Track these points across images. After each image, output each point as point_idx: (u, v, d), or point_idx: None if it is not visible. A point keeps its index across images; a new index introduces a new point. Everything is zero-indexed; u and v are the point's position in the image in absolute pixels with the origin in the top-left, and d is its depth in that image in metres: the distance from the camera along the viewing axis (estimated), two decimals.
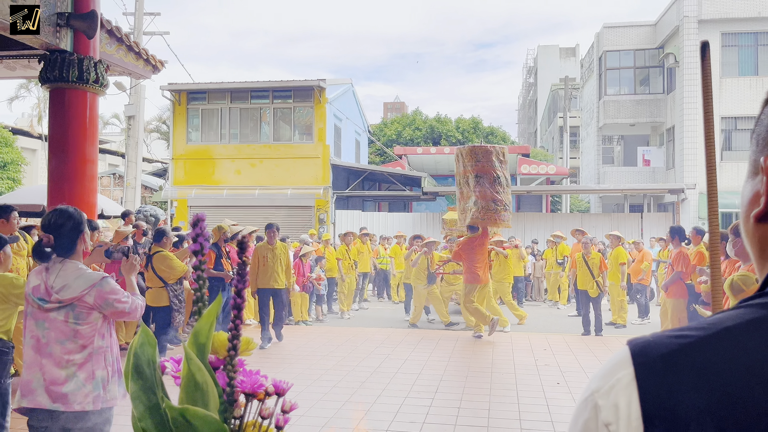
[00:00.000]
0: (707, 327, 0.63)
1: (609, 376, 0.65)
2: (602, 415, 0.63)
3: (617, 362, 0.65)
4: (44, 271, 2.93)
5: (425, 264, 10.92)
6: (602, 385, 0.65)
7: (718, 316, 0.64)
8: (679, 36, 21.00)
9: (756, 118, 0.73)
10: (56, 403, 2.79)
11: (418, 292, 11.00)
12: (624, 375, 0.63)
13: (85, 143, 6.47)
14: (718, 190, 0.93)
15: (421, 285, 10.91)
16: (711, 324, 0.64)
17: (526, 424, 5.31)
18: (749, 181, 0.71)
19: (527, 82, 58.31)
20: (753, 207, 0.69)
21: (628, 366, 0.63)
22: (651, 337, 0.65)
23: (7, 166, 19.29)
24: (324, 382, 6.65)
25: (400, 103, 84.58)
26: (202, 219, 0.87)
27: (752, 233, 0.70)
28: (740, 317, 0.63)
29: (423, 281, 10.90)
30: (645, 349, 0.64)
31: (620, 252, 11.19)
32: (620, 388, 0.63)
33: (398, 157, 24.28)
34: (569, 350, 8.79)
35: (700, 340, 0.62)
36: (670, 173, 22.32)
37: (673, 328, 0.66)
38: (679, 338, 0.63)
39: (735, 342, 0.61)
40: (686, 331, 0.64)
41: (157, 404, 0.90)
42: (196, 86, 19.58)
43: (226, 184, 19.23)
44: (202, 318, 0.87)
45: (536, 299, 15.73)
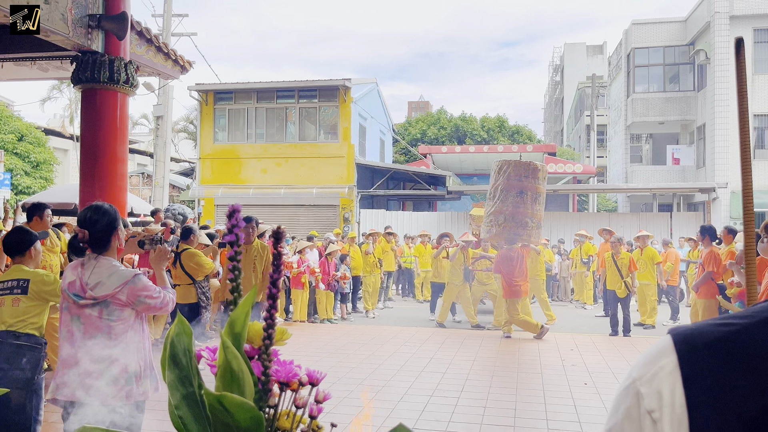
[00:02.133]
0: (752, 315, 0.63)
1: (652, 364, 0.65)
2: (645, 403, 0.63)
3: (660, 350, 0.65)
4: (79, 266, 2.98)
5: (461, 260, 10.82)
6: (644, 372, 0.65)
7: (762, 305, 0.64)
8: (710, 32, 20.60)
9: None
10: (90, 396, 2.85)
11: (450, 289, 10.90)
12: (667, 363, 0.63)
13: (115, 142, 6.58)
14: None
15: (456, 281, 10.81)
16: (756, 312, 0.63)
17: (553, 424, 5.26)
18: None
19: (553, 80, 57.74)
20: None
21: (671, 354, 0.63)
22: (693, 326, 0.65)
23: (39, 166, 19.74)
24: (349, 380, 6.67)
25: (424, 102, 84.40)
26: (238, 210, 0.88)
27: None
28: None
29: (458, 278, 10.80)
30: (688, 338, 0.64)
31: (653, 252, 11.02)
32: (663, 375, 0.63)
33: (423, 156, 24.25)
34: (597, 351, 8.69)
35: (745, 327, 0.61)
36: (701, 172, 21.90)
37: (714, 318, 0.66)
38: (723, 326, 0.63)
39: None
40: (730, 319, 0.64)
41: (194, 393, 0.92)
42: (222, 86, 19.80)
43: (252, 184, 19.41)
44: (237, 307, 0.88)
45: (563, 299, 15.58)
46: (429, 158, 23.90)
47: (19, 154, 19.16)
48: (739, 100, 0.91)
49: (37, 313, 3.83)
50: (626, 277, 10.25)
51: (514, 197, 9.72)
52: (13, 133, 19.22)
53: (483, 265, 11.07)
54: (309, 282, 11.13)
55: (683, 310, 12.39)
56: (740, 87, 0.91)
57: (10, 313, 3.73)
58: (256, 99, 19.80)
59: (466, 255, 10.87)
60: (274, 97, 19.80)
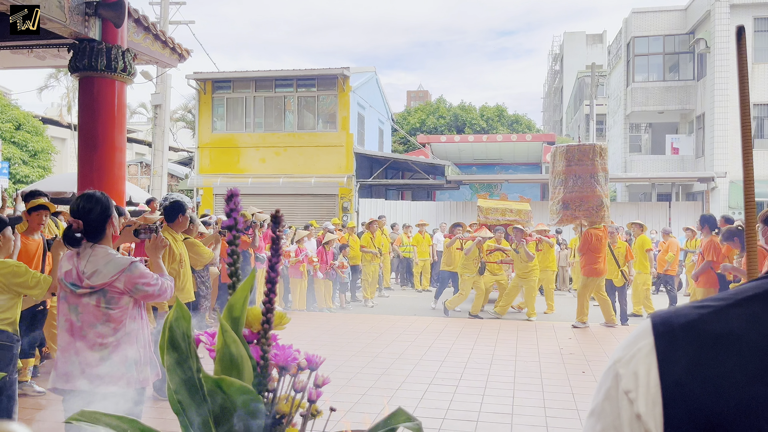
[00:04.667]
0: (728, 297, 0.64)
1: (631, 346, 0.66)
2: (622, 383, 0.65)
3: (639, 333, 0.67)
4: (75, 256, 2.97)
5: (476, 253, 10.80)
6: (624, 354, 0.66)
7: (740, 287, 0.65)
8: (711, 21, 20.51)
9: None
10: (91, 384, 2.85)
11: (465, 281, 10.89)
12: (644, 344, 0.65)
13: (113, 131, 6.56)
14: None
15: (468, 274, 10.80)
16: (733, 294, 0.64)
17: (551, 411, 5.29)
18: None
19: (553, 70, 57.51)
20: None
21: (649, 336, 0.65)
22: (673, 309, 0.67)
23: (37, 155, 19.69)
24: (348, 369, 6.70)
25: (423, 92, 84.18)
26: (236, 194, 0.87)
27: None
28: (761, 287, 0.63)
29: (471, 270, 10.80)
30: (665, 320, 0.65)
31: (644, 239, 11.02)
32: (640, 357, 0.64)
33: (422, 146, 24.21)
34: (594, 339, 8.72)
35: (720, 309, 0.63)
36: (700, 161, 21.89)
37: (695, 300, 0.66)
38: (700, 308, 0.64)
39: (754, 310, 0.61)
40: (707, 301, 0.65)
41: (192, 377, 0.92)
42: (221, 75, 19.72)
43: (250, 173, 19.38)
44: (236, 292, 0.88)
45: (561, 288, 15.61)
46: (428, 147, 23.87)
47: (17, 143, 19.10)
48: (740, 88, 0.91)
49: (8, 307, 3.59)
50: (623, 266, 10.23)
51: (586, 181, 9.79)
52: (10, 122, 19.15)
53: (497, 257, 11.09)
54: (307, 271, 11.15)
55: (682, 299, 12.42)
56: (741, 75, 0.90)
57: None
58: (255, 88, 19.72)
59: (481, 248, 10.88)
60: (273, 86, 19.73)
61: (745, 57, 0.91)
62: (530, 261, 10.54)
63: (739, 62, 0.91)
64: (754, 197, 0.92)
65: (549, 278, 11.65)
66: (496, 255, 11.06)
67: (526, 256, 10.51)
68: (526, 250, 10.52)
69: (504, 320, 10.46)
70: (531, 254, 10.58)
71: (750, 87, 6.35)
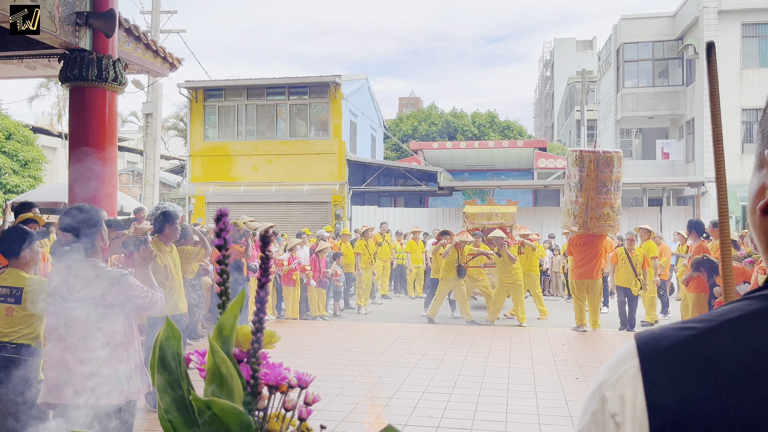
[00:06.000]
0: (712, 319, 0.64)
1: (616, 368, 0.66)
2: (609, 407, 0.65)
3: (624, 355, 0.67)
4: (64, 268, 2.96)
5: (455, 257, 10.82)
6: (610, 377, 0.66)
7: (723, 308, 0.65)
8: (699, 27, 20.70)
9: (763, 111, 0.73)
10: (81, 398, 2.84)
11: (443, 285, 10.89)
12: (630, 367, 0.65)
13: (104, 141, 6.54)
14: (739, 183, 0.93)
15: (450, 277, 10.79)
16: (716, 316, 0.64)
17: (545, 418, 5.30)
18: (755, 174, 0.72)
19: (543, 76, 57.85)
20: (759, 199, 0.70)
21: (634, 358, 0.65)
22: (657, 330, 0.67)
23: (28, 164, 19.58)
24: (342, 377, 6.68)
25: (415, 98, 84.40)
26: (225, 214, 0.88)
27: (758, 225, 0.71)
28: (744, 308, 0.64)
29: (452, 274, 10.82)
30: (650, 342, 0.65)
31: (650, 245, 10.68)
32: (626, 379, 0.64)
33: (414, 152, 24.25)
34: (588, 345, 8.74)
35: (705, 331, 0.63)
36: (690, 166, 22.04)
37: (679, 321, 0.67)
38: (684, 330, 0.64)
39: (738, 333, 0.62)
40: (691, 323, 0.65)
41: (183, 397, 0.92)
42: (212, 83, 19.70)
43: (243, 181, 19.35)
44: (226, 311, 0.88)
45: (554, 294, 15.65)
46: (420, 154, 23.91)
47: (7, 152, 18.99)
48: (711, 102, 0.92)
49: (32, 322, 3.60)
50: (640, 274, 9.99)
51: (599, 189, 9.78)
52: (0, 132, 19.05)
53: (480, 261, 11.09)
54: (300, 279, 11.13)
55: (673, 304, 12.47)
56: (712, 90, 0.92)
57: (4, 322, 3.53)
58: (247, 96, 19.72)
59: (461, 252, 10.86)
60: (265, 94, 19.73)
61: (715, 72, 0.92)
62: (513, 264, 10.53)
63: (710, 77, 0.92)
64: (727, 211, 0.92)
65: (533, 282, 11.61)
66: (479, 260, 11.05)
67: (509, 259, 10.52)
68: (508, 253, 10.53)
69: (497, 327, 10.47)
70: (513, 257, 10.58)
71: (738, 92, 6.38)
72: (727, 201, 0.93)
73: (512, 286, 10.65)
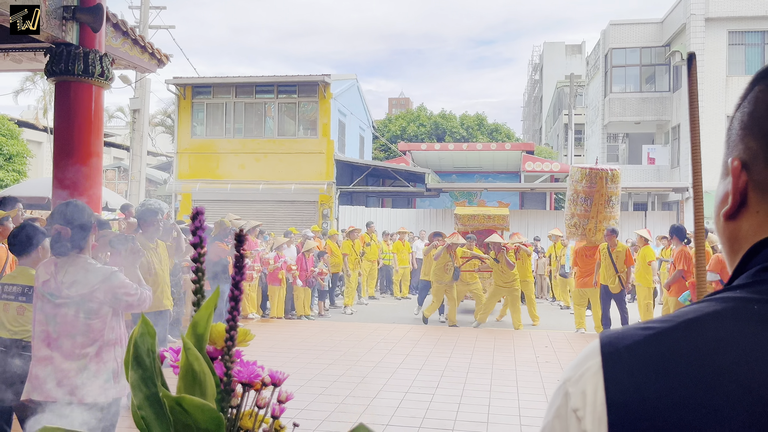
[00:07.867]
0: (671, 319, 0.67)
1: (580, 366, 0.69)
2: (571, 402, 0.68)
3: (588, 353, 0.69)
4: (53, 265, 2.93)
5: (446, 259, 10.68)
6: (573, 374, 0.69)
7: (683, 309, 0.68)
8: (686, 34, 20.91)
9: (729, 121, 0.76)
10: (67, 395, 2.82)
11: (438, 288, 10.83)
12: (592, 364, 0.67)
13: (90, 136, 6.49)
14: None
15: (444, 280, 10.70)
16: (675, 316, 0.67)
17: (526, 420, 5.33)
18: (721, 181, 0.75)
19: (532, 79, 58.14)
20: (723, 206, 0.74)
21: (597, 356, 0.67)
22: (621, 330, 0.69)
23: (12, 159, 19.36)
24: (325, 377, 6.68)
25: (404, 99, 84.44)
26: (201, 212, 0.88)
27: (722, 231, 0.75)
28: (701, 310, 0.66)
29: (443, 277, 10.68)
30: (613, 341, 0.67)
31: (648, 251, 10.40)
32: (588, 376, 0.67)
33: (402, 153, 24.28)
34: (570, 347, 8.80)
35: (663, 331, 0.65)
36: (675, 172, 22.26)
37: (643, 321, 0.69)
38: (645, 330, 0.67)
39: (694, 333, 0.64)
40: (652, 323, 0.68)
41: (156, 393, 0.92)
42: (201, 80, 19.60)
43: (230, 179, 19.26)
44: (200, 309, 0.89)
45: (539, 296, 15.73)
46: (408, 155, 23.94)
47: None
48: (690, 112, 0.94)
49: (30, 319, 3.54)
50: (621, 271, 9.74)
51: (606, 203, 10.41)
52: None
53: (473, 265, 11.06)
54: (286, 278, 11.10)
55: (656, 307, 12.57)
56: (691, 100, 0.94)
57: (16, 321, 3.53)
58: (235, 93, 19.64)
59: (453, 255, 10.81)
60: (253, 92, 19.66)
61: (695, 82, 0.95)
62: (511, 270, 10.54)
63: (690, 88, 0.95)
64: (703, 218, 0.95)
65: (529, 288, 11.61)
66: (473, 264, 11.04)
67: (507, 266, 10.52)
68: (507, 259, 10.53)
69: (481, 329, 10.51)
70: (511, 263, 10.59)
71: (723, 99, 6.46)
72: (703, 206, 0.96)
73: (509, 291, 10.65)
